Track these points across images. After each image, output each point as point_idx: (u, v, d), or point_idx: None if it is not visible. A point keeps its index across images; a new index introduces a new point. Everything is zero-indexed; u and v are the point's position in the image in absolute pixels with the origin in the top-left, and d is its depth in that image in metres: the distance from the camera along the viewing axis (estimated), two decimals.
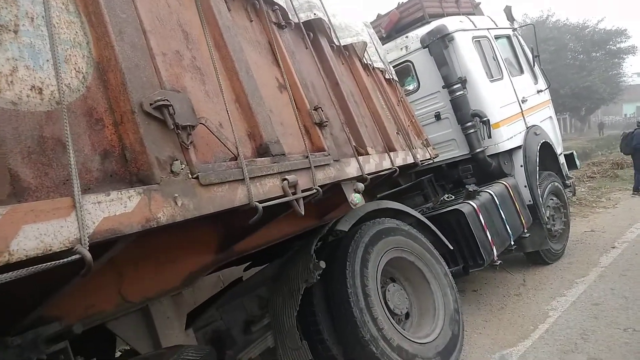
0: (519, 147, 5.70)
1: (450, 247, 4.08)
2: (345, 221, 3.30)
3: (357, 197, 2.96)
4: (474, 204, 4.46)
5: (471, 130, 5.36)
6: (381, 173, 3.49)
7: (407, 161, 4.12)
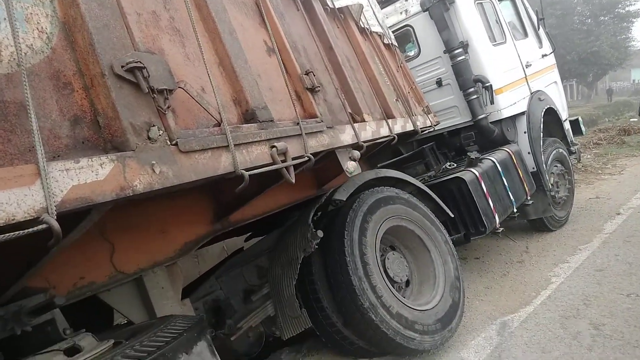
0: (523, 113, 5.57)
1: (450, 215, 4.03)
2: (343, 190, 3.24)
3: (353, 165, 2.88)
4: (476, 172, 4.38)
5: (473, 96, 5.22)
6: (378, 141, 3.40)
7: (407, 129, 4.02)
